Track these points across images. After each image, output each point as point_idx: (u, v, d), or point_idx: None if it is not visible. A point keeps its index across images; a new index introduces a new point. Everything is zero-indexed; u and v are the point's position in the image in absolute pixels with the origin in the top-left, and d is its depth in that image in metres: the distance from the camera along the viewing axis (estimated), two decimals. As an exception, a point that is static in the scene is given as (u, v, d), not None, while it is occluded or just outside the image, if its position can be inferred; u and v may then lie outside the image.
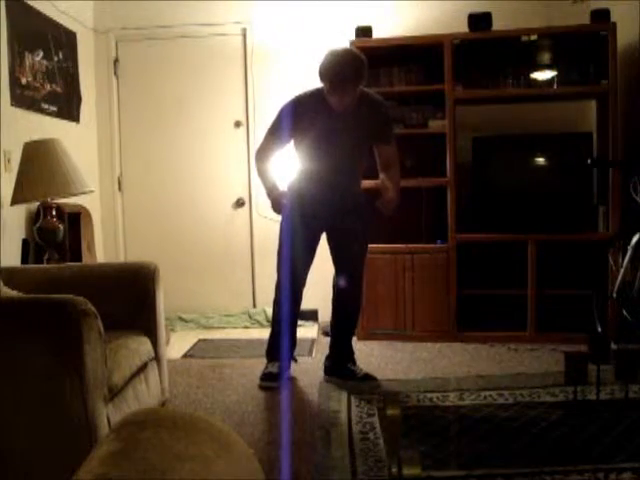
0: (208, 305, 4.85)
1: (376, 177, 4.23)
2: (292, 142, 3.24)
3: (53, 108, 4.12)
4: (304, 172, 3.24)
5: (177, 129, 4.90)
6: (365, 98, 3.16)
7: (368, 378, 3.26)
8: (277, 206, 3.18)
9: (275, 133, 3.19)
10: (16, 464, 1.80)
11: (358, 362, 3.38)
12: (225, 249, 4.88)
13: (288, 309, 3.30)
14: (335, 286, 3.35)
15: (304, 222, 3.21)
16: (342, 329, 3.39)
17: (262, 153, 3.23)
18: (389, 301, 4.15)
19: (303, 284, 3.31)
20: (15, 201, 3.34)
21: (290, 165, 3.45)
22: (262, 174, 3.24)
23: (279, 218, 3.31)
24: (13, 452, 1.80)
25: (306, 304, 3.82)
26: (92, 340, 1.85)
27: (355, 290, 3.35)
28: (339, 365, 3.35)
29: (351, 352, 3.39)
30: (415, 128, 4.26)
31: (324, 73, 3.00)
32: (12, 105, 3.62)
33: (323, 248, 3.36)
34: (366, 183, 4.18)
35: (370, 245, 4.14)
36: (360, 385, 3.17)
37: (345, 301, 3.36)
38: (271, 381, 3.22)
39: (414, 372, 3.44)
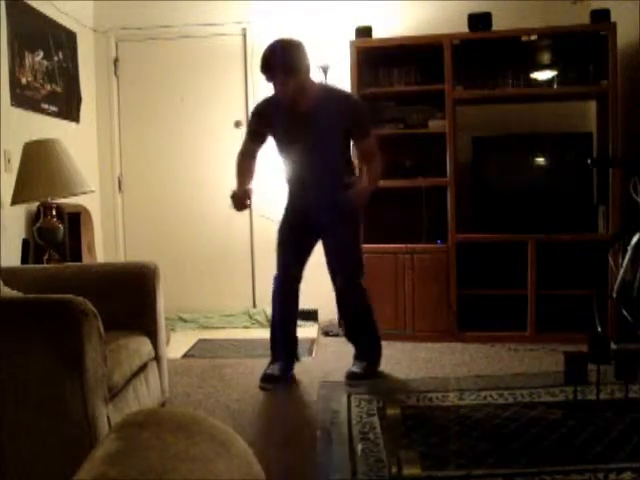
0: (208, 305, 4.84)
1: (384, 177, 4.22)
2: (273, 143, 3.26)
3: (53, 108, 4.12)
4: (287, 173, 3.27)
5: (177, 129, 4.89)
6: (329, 94, 3.14)
7: (352, 375, 3.25)
8: (237, 203, 3.14)
9: (248, 133, 3.29)
10: (16, 464, 1.80)
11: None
12: (225, 249, 4.88)
13: (284, 309, 3.30)
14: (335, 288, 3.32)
15: (295, 221, 3.24)
16: (353, 328, 3.39)
17: (240, 152, 3.30)
18: (389, 301, 4.15)
19: (297, 282, 3.29)
20: (15, 201, 3.34)
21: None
22: (237, 171, 3.27)
23: (279, 218, 3.32)
24: (13, 452, 1.80)
25: (306, 304, 3.82)
26: (92, 340, 1.85)
27: (352, 291, 3.27)
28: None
29: (362, 350, 3.35)
30: (415, 128, 4.26)
31: (260, 64, 3.01)
32: (12, 105, 3.62)
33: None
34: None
35: (370, 245, 4.15)
36: (360, 385, 3.17)
37: (345, 302, 3.33)
38: (269, 383, 3.22)
39: (414, 372, 3.44)
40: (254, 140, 3.25)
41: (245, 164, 3.26)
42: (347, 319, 3.42)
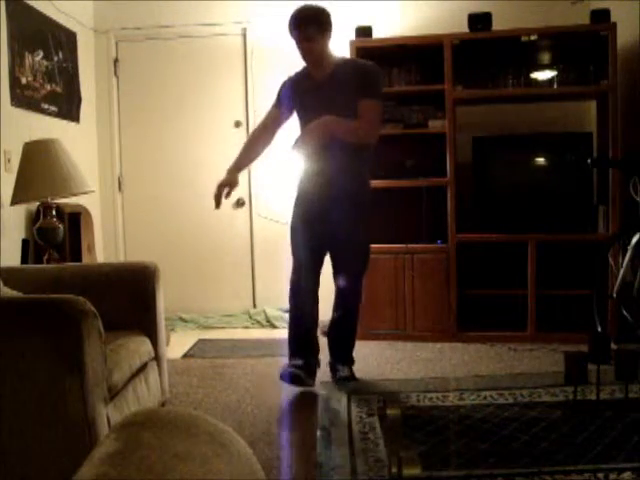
0: (208, 305, 4.85)
1: (384, 177, 4.21)
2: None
3: (53, 108, 4.12)
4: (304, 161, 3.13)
5: (177, 129, 4.89)
6: (347, 63, 3.10)
7: (346, 379, 3.17)
8: (216, 195, 3.14)
9: (270, 109, 3.22)
10: (16, 464, 1.80)
11: (358, 362, 3.35)
12: (225, 249, 4.88)
13: (294, 309, 3.25)
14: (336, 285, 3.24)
15: (305, 221, 3.13)
16: (341, 328, 3.30)
17: (260, 123, 3.27)
18: (389, 301, 4.15)
19: (311, 285, 3.18)
20: (15, 201, 3.34)
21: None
22: (245, 143, 3.26)
23: (280, 218, 3.30)
24: (13, 452, 1.80)
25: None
26: (92, 340, 1.85)
27: (353, 288, 3.20)
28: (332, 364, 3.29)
29: (346, 352, 3.29)
30: (415, 128, 4.26)
31: (290, 21, 3.00)
32: (12, 105, 3.63)
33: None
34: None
35: (370, 245, 4.14)
36: (361, 385, 3.17)
37: (343, 301, 3.23)
38: (299, 369, 3.10)
39: (414, 372, 3.44)
40: (277, 106, 3.18)
41: (256, 132, 3.23)
42: (339, 316, 3.28)
